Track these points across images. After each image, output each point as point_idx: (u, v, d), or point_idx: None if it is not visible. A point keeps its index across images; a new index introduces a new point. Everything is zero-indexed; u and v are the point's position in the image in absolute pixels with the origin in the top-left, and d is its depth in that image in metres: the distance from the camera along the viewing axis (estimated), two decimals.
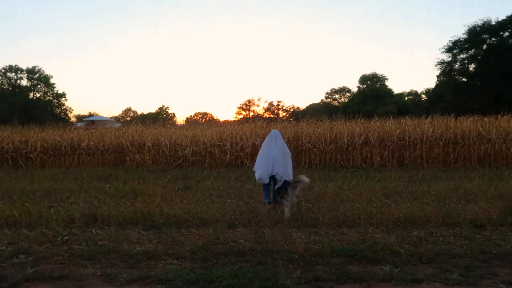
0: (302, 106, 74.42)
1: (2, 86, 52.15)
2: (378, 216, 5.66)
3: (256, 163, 6.51)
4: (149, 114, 71.15)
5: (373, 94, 52.51)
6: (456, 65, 39.01)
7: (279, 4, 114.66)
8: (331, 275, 3.78)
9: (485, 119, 13.71)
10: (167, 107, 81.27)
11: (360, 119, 15.23)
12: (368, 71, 60.45)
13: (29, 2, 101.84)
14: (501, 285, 3.58)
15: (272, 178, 6.32)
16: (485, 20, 35.87)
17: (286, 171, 6.23)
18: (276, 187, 6.26)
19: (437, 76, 42.39)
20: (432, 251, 4.37)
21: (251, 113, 74.66)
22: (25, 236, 5.07)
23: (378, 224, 5.41)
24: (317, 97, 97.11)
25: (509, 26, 34.64)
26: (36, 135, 14.82)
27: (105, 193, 7.94)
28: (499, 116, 13.95)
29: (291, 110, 76.15)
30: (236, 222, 5.63)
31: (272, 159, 6.20)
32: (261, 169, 6.27)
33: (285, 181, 6.19)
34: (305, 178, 6.18)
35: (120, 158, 13.96)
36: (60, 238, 5.01)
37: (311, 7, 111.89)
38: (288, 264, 4.12)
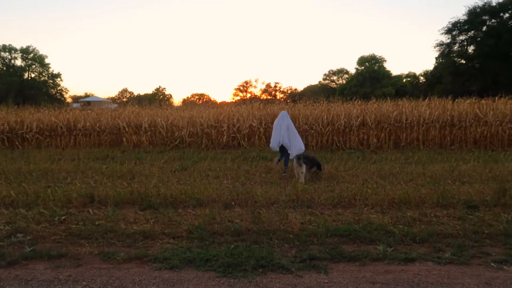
0: (300, 87, 74.15)
1: None
2: (373, 197, 5.72)
3: (271, 137, 8.58)
4: (146, 95, 70.69)
5: (371, 76, 52.17)
6: (455, 47, 38.55)
7: None
8: (326, 254, 3.84)
9: (483, 101, 13.70)
10: (164, 88, 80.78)
11: (358, 101, 15.20)
12: (366, 53, 59.86)
13: None
14: (492, 264, 3.65)
15: (283, 147, 8.23)
16: (485, 0, 35.35)
17: (292, 143, 8.04)
18: (290, 156, 8.04)
19: (436, 58, 41.97)
20: (426, 231, 4.44)
21: (248, 95, 74.32)
22: (22, 215, 5.09)
23: (373, 205, 5.48)
24: (315, 79, 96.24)
25: (509, 7, 33.97)
26: (31, 115, 14.75)
27: (102, 174, 7.96)
28: (496, 98, 13.93)
29: (289, 91, 75.73)
30: (233, 203, 5.68)
31: (280, 133, 8.16)
32: (273, 141, 8.40)
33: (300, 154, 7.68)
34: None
35: (116, 139, 13.95)
36: (57, 218, 5.03)
37: None
38: (284, 244, 4.17)
